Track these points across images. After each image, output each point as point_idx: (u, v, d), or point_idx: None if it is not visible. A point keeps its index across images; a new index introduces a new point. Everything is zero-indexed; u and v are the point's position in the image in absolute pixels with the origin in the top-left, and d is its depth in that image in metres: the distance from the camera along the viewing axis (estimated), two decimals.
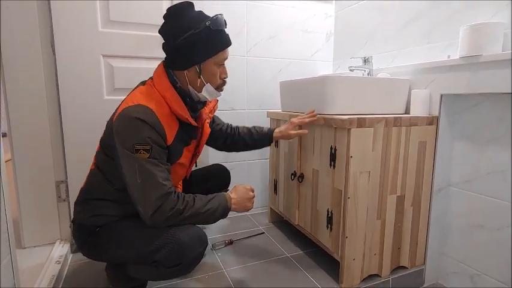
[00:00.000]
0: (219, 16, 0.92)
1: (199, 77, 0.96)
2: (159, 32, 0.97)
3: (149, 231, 0.91)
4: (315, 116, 1.19)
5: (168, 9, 0.93)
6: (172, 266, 0.90)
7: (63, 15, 1.29)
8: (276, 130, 1.28)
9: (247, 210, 1.06)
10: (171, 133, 0.94)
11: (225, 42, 0.96)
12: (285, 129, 1.26)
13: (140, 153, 0.85)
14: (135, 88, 1.00)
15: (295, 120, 1.24)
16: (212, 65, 0.96)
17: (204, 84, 0.97)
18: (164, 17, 0.94)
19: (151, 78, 1.01)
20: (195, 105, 1.03)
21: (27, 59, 1.28)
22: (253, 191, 1.08)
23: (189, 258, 0.91)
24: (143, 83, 1.01)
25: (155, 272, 0.93)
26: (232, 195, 1.03)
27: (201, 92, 0.99)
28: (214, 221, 0.98)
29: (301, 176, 1.35)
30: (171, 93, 0.94)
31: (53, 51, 1.31)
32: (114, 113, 0.96)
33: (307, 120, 1.20)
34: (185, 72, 0.96)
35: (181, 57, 0.93)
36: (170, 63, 0.97)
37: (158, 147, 0.89)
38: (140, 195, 0.86)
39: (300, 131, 1.24)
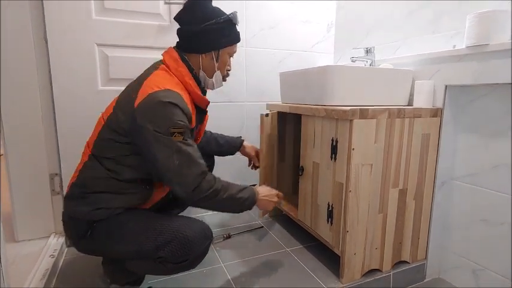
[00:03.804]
0: (236, 13, 1.03)
1: (216, 62, 1.04)
2: (177, 18, 1.03)
3: (152, 226, 0.90)
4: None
5: None
6: (179, 262, 0.89)
7: (56, 3, 1.24)
8: (245, 143, 1.42)
9: (265, 210, 1.14)
10: (193, 117, 0.98)
11: (239, 36, 1.07)
12: (250, 149, 1.43)
13: (175, 136, 0.87)
14: (150, 73, 0.96)
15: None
16: (226, 54, 1.05)
17: (216, 71, 1.05)
18: (186, 5, 1.01)
19: (161, 62, 1.00)
20: (204, 91, 1.09)
21: (19, 48, 1.24)
22: (278, 197, 1.14)
23: (195, 253, 0.90)
24: (155, 67, 0.99)
25: (159, 268, 0.92)
26: (260, 191, 1.07)
27: (211, 78, 1.06)
28: (241, 211, 1.01)
29: (301, 169, 1.32)
30: (190, 79, 0.99)
31: (45, 40, 1.26)
32: (131, 98, 0.90)
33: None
34: (201, 56, 1.02)
35: (203, 41, 1.00)
36: (187, 47, 1.02)
37: (188, 130, 0.91)
38: (178, 175, 0.87)
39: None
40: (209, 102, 1.07)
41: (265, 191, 1.10)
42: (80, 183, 0.95)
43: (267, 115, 1.40)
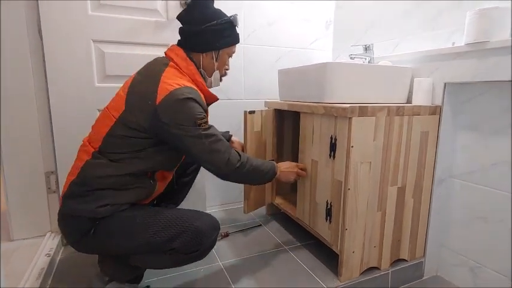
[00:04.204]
0: (236, 15, 1.09)
1: (216, 62, 1.09)
2: (179, 17, 1.07)
3: (162, 219, 0.92)
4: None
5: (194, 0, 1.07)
6: (190, 252, 0.93)
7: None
8: (233, 138, 1.44)
9: (290, 181, 1.22)
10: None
11: (238, 37, 1.13)
12: (237, 144, 1.44)
13: (201, 126, 0.95)
14: (162, 70, 0.97)
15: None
16: (225, 54, 1.11)
17: (215, 70, 1.10)
18: (189, 5, 1.07)
19: (167, 60, 1.02)
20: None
21: (13, 45, 1.22)
22: (302, 169, 1.25)
23: (205, 244, 0.94)
24: (164, 64, 1.01)
25: (167, 260, 0.95)
26: (280, 165, 1.18)
27: (210, 77, 1.11)
28: (265, 182, 1.13)
29: None
30: (200, 77, 1.05)
31: (40, 36, 1.24)
32: (149, 95, 0.92)
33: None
34: (202, 55, 1.06)
35: (204, 41, 1.05)
36: (189, 46, 1.05)
37: (206, 118, 0.99)
38: (210, 154, 0.96)
39: None
40: (218, 98, 1.11)
41: (285, 164, 1.21)
42: (80, 181, 0.93)
43: (250, 112, 1.38)
